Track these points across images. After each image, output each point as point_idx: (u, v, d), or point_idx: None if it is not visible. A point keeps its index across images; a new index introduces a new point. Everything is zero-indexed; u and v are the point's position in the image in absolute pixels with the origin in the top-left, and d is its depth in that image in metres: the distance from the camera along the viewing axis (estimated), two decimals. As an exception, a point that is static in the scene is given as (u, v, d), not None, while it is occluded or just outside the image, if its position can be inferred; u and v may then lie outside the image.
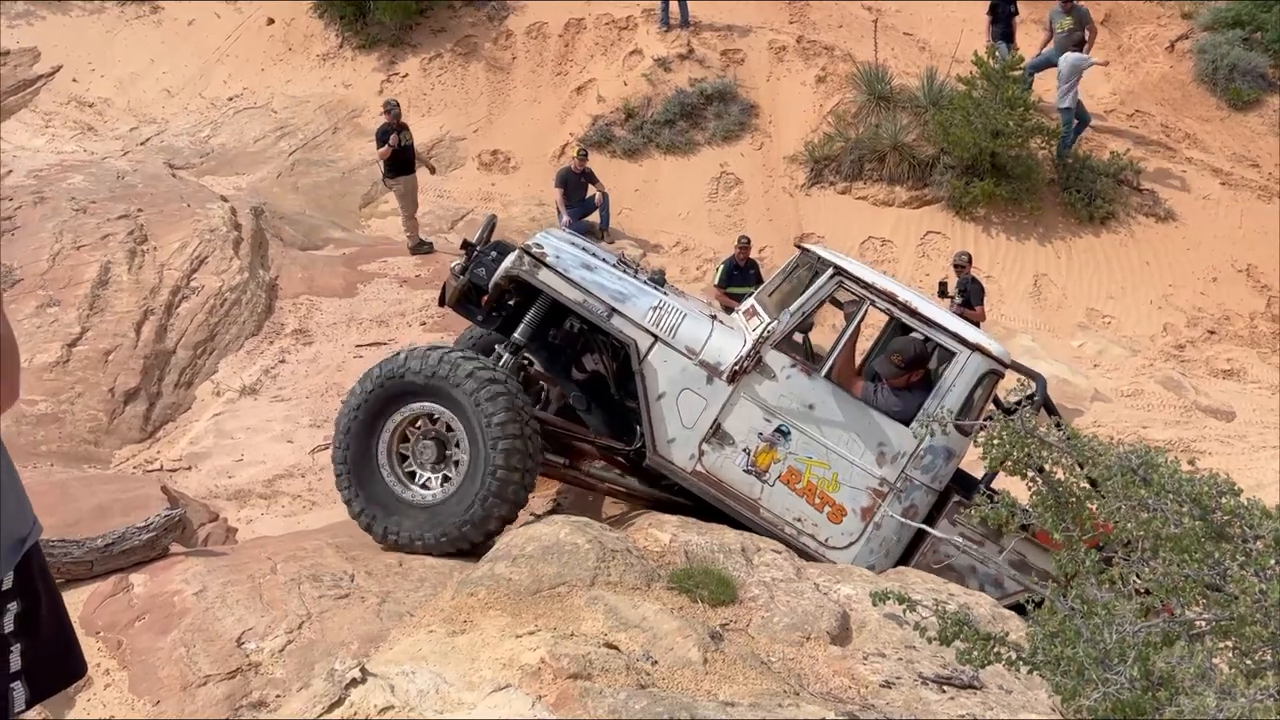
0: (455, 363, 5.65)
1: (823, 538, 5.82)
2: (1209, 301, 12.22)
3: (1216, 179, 13.30)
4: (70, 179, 11.40)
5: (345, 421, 5.82)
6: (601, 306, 5.94)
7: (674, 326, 5.93)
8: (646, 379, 5.89)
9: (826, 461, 5.79)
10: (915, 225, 12.76)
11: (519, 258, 6.03)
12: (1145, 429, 9.72)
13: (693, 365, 5.88)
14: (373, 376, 5.80)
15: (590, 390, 6.38)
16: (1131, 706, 2.24)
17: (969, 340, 5.79)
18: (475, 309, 6.38)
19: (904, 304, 5.86)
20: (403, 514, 5.73)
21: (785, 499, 5.83)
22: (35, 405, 7.91)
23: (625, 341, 5.94)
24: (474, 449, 5.61)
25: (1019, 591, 5.70)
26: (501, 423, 5.55)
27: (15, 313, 8.91)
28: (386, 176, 11.49)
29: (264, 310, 9.68)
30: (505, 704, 3.47)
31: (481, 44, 15.02)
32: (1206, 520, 2.37)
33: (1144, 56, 14.84)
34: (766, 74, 14.34)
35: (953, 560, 5.82)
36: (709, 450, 5.86)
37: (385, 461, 5.78)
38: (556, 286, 5.98)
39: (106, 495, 6.65)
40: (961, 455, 5.92)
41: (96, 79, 15.04)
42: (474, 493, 5.58)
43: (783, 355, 5.84)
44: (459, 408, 5.63)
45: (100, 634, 5.01)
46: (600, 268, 6.21)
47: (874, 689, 4.04)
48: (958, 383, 5.74)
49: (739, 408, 5.83)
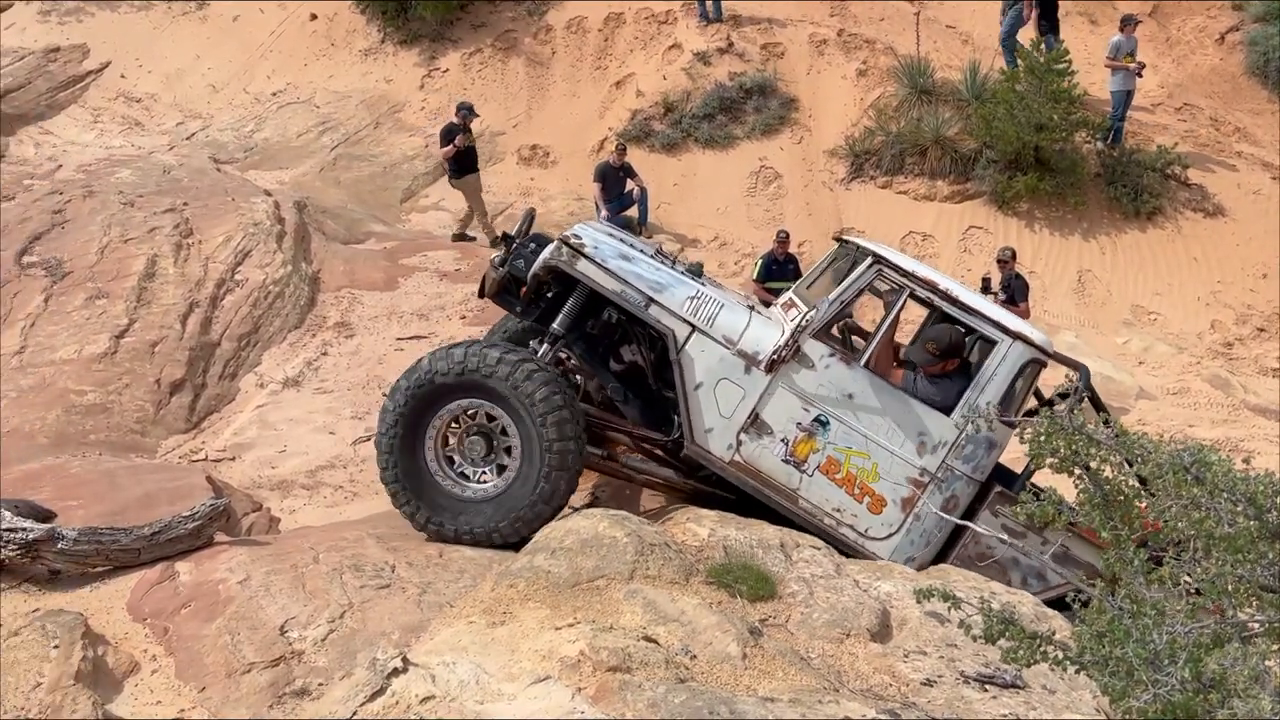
0: (482, 354, 5.68)
1: (862, 528, 5.77)
2: (1258, 298, 11.97)
3: (1267, 173, 13.03)
4: (118, 173, 11.58)
5: (385, 441, 5.77)
6: (639, 296, 5.95)
7: (712, 316, 5.92)
8: (684, 369, 5.89)
9: (866, 451, 5.73)
10: (957, 220, 12.62)
11: (557, 248, 6.05)
12: (1192, 427, 9.56)
13: (730, 355, 5.86)
14: (401, 389, 5.77)
15: (628, 382, 6.38)
16: (1182, 708, 2.20)
17: (1011, 329, 5.71)
18: (514, 300, 6.42)
19: (944, 292, 5.80)
20: (471, 513, 5.74)
21: (824, 489, 5.79)
22: (84, 395, 8.05)
23: (663, 331, 5.93)
24: (523, 430, 5.63)
25: (1062, 585, 5.61)
26: (545, 397, 5.59)
27: (64, 305, 9.07)
28: (452, 177, 11.86)
29: (306, 303, 9.78)
30: (545, 695, 3.49)
31: (521, 39, 15.06)
32: (1261, 520, 2.32)
33: (1193, 49, 14.57)
34: (807, 67, 14.25)
35: (995, 552, 5.74)
36: (747, 440, 5.84)
37: (437, 468, 5.78)
38: (595, 277, 5.99)
39: (153, 484, 6.75)
40: (1004, 446, 5.83)
41: (144, 75, 15.26)
42: (536, 471, 5.62)
43: (821, 344, 5.80)
44: (497, 396, 5.65)
45: (147, 621, 5.10)
46: (638, 258, 6.21)
47: (915, 687, 4.01)
48: (999, 372, 5.66)
49: (777, 397, 5.80)
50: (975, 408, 5.63)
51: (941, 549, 5.83)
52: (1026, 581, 5.73)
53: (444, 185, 13.24)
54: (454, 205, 12.93)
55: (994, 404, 5.60)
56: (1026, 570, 5.76)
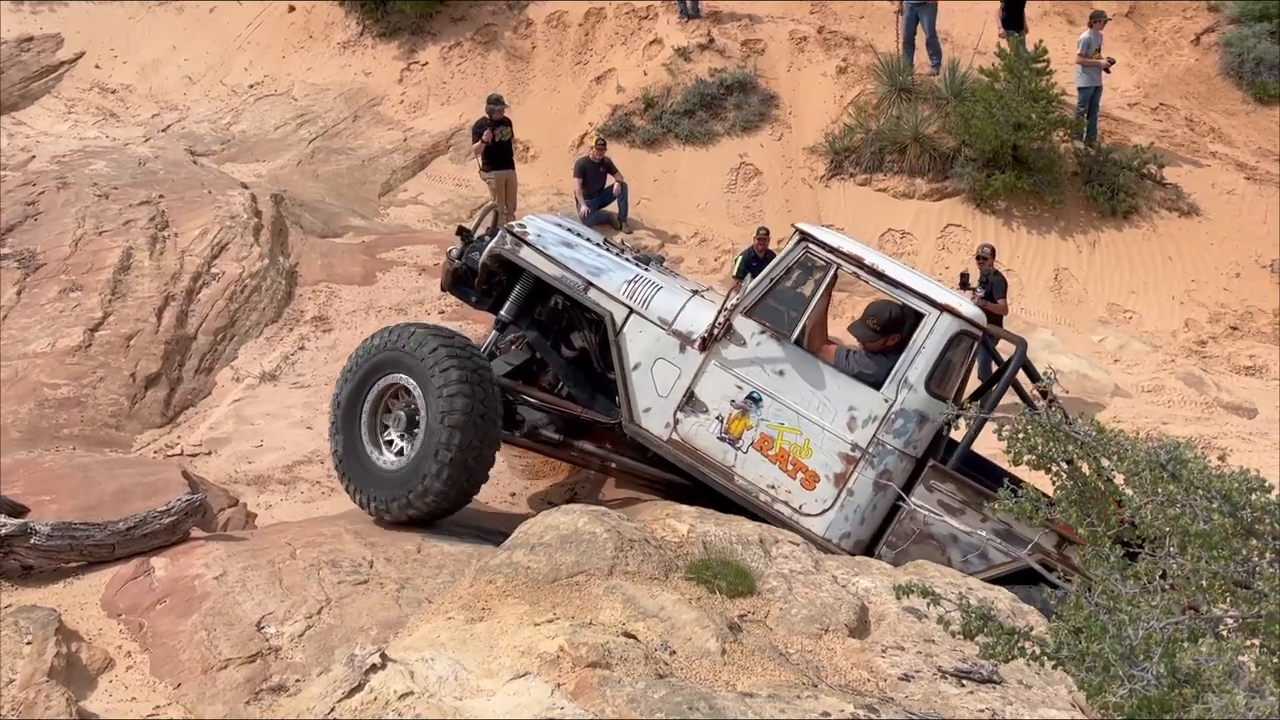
0: (409, 330, 5.91)
1: (796, 505, 5.76)
2: (1232, 297, 12.09)
3: (1241, 173, 13.15)
4: (93, 165, 11.45)
5: (333, 413, 6.12)
6: (578, 281, 6.17)
7: (648, 298, 6.08)
8: (623, 350, 6.03)
9: (798, 428, 5.75)
10: (935, 218, 12.67)
11: (502, 237, 6.37)
12: (1165, 425, 9.64)
13: (666, 335, 5.98)
14: (347, 367, 6.13)
15: (579, 368, 6.51)
16: (1157, 703, 2.23)
17: (938, 301, 5.72)
18: (469, 290, 6.72)
19: (870, 267, 5.82)
20: (372, 481, 5.88)
21: (759, 466, 5.81)
22: (58, 389, 7.96)
23: (601, 314, 6.10)
24: (428, 403, 5.72)
25: (1006, 563, 5.53)
26: (452, 395, 5.64)
27: (37, 297, 8.97)
28: (483, 170, 11.77)
29: (284, 297, 9.71)
30: (525, 691, 3.48)
31: (501, 33, 15.00)
32: (1236, 517, 2.34)
33: (1169, 49, 14.69)
34: (787, 64, 14.26)
35: (932, 529, 5.66)
36: (683, 418, 5.92)
37: (367, 438, 5.98)
38: (536, 263, 6.26)
39: (128, 479, 6.69)
40: (937, 421, 5.79)
41: (119, 65, 15.09)
42: (433, 445, 5.66)
43: (753, 322, 5.85)
44: (412, 370, 5.81)
45: (122, 616, 5.05)
46: (581, 246, 6.42)
47: (892, 682, 4.03)
48: (928, 344, 5.66)
49: (711, 375, 5.88)
50: (904, 380, 5.65)
51: (880, 527, 5.77)
52: (967, 560, 5.63)
53: (423, 179, 13.18)
54: (432, 199, 12.88)
55: (924, 377, 5.60)
56: (966, 548, 5.65)
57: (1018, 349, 5.89)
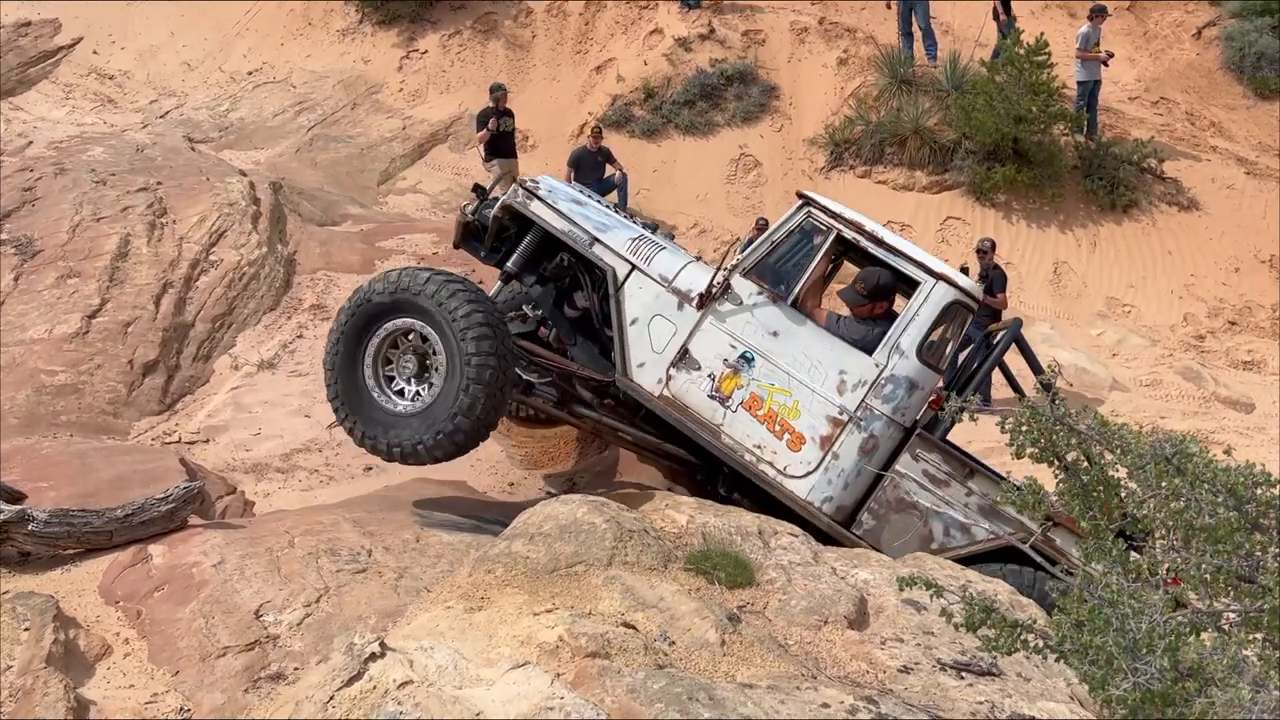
0: (414, 274, 5.87)
1: (781, 465, 5.78)
2: (1230, 292, 12.10)
3: (1241, 168, 13.15)
4: (90, 151, 11.41)
5: (329, 359, 5.99)
6: (584, 235, 6.26)
7: (651, 256, 6.17)
8: (621, 304, 6.10)
9: (788, 389, 5.78)
10: (935, 210, 12.67)
11: (514, 191, 6.49)
12: (1163, 419, 9.65)
13: (665, 292, 6.05)
14: (343, 310, 6.01)
15: (581, 327, 6.56)
16: (1161, 697, 2.22)
17: (935, 270, 5.77)
18: (479, 245, 6.81)
19: (870, 233, 5.89)
20: (400, 426, 5.83)
21: (746, 425, 5.83)
22: (55, 376, 7.94)
23: (604, 268, 6.16)
24: (447, 347, 5.71)
25: (988, 540, 5.52)
26: (467, 314, 5.66)
27: (35, 284, 8.94)
28: (485, 159, 11.80)
29: (282, 285, 9.69)
30: (524, 681, 3.47)
31: (501, 21, 14.94)
32: (1241, 511, 2.34)
33: (1170, 43, 14.67)
34: (788, 55, 14.23)
35: (915, 499, 5.65)
36: (676, 375, 5.96)
37: (373, 384, 5.91)
38: (545, 216, 6.34)
39: (125, 466, 6.68)
40: (928, 389, 5.82)
41: (117, 51, 15.02)
42: (456, 386, 5.66)
43: (751, 283, 5.89)
44: (425, 314, 5.77)
45: (120, 604, 5.04)
46: (590, 204, 6.57)
47: (892, 674, 4.03)
48: (922, 312, 5.71)
49: (706, 333, 5.92)
50: (896, 347, 5.68)
51: (864, 494, 5.76)
52: (949, 533, 5.60)
53: (421, 168, 13.14)
54: (431, 188, 12.85)
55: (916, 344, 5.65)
56: (949, 522, 5.62)
57: (1011, 326, 5.96)
